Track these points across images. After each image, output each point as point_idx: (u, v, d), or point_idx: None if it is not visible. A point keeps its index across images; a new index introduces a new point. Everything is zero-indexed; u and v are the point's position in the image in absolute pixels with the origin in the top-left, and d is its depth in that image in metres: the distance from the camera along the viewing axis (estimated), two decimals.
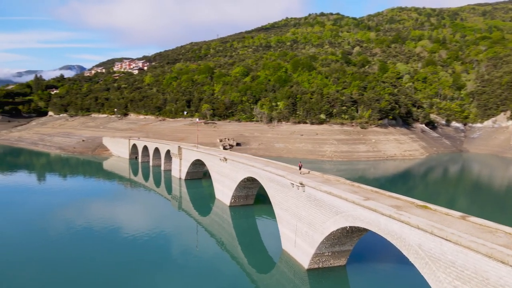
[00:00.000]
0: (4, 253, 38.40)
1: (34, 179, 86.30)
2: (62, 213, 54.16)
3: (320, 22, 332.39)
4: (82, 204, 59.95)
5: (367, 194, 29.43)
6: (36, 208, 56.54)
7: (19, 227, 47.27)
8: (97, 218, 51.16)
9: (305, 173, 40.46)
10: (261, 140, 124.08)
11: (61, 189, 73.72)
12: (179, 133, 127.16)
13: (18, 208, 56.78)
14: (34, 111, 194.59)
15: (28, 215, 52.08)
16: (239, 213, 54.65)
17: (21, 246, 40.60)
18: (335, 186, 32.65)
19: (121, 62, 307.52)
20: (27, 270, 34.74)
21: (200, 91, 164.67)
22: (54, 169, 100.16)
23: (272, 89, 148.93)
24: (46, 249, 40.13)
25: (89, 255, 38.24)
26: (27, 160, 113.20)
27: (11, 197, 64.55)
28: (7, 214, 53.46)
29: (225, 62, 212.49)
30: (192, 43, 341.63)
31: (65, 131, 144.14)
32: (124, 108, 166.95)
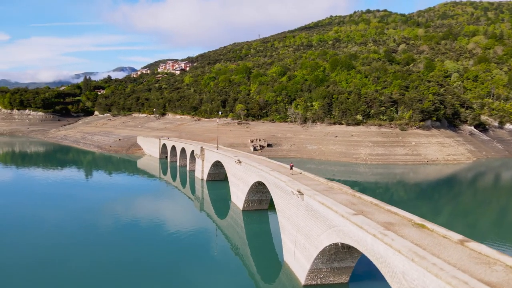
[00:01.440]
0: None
1: (68, 175, 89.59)
2: (97, 207, 58.18)
3: (366, 19, 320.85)
4: (110, 201, 63.00)
5: (364, 206, 26.05)
6: (67, 202, 60.79)
7: (62, 216, 52.58)
8: (123, 214, 54.33)
9: (296, 173, 37.91)
10: (294, 141, 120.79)
11: (95, 186, 75.84)
12: (211, 133, 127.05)
13: (54, 202, 61.66)
14: (82, 110, 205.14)
15: (65, 208, 56.91)
16: (251, 218, 52.38)
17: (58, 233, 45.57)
18: (334, 195, 29.47)
19: (165, 63, 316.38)
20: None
21: (236, 91, 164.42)
22: (90, 166, 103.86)
23: (308, 89, 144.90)
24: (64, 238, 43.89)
25: (105, 246, 41.60)
26: (65, 157, 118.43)
27: (48, 192, 67.16)
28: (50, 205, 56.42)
29: (264, 62, 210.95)
30: (235, 44, 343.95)
31: (105, 130, 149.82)
32: (163, 108, 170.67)
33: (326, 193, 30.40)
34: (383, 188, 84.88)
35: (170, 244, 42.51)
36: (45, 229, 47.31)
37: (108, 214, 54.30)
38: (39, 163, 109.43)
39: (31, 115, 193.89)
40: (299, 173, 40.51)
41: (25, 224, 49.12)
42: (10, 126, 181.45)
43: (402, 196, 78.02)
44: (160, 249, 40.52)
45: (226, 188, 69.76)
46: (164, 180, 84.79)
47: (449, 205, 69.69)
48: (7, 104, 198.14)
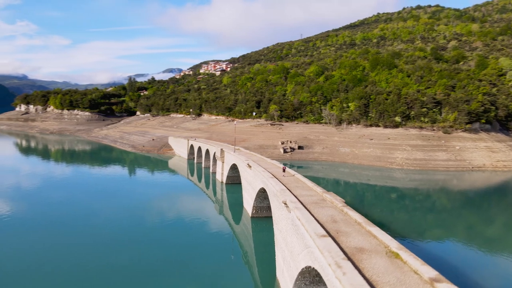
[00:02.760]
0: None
1: (99, 172, 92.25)
2: (118, 205, 60.51)
3: (415, 15, 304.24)
4: (131, 199, 64.91)
5: (345, 225, 22.66)
6: (94, 198, 64.66)
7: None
8: (143, 212, 56.86)
9: (289, 176, 34.84)
10: (326, 143, 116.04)
11: (119, 184, 77.14)
12: (242, 134, 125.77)
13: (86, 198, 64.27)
14: (125, 111, 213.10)
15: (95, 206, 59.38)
16: (259, 226, 49.83)
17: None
18: (320, 209, 26.22)
19: (207, 64, 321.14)
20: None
21: (272, 91, 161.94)
22: (119, 164, 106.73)
23: (344, 89, 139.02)
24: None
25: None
26: (100, 155, 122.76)
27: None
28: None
29: (303, 62, 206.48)
30: (277, 44, 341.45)
31: (142, 129, 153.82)
32: (199, 108, 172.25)
33: (313, 206, 27.28)
34: (423, 195, 78.77)
35: (174, 244, 43.65)
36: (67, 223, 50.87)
37: (128, 212, 56.30)
38: (75, 160, 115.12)
39: (79, 115, 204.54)
40: (292, 175, 37.64)
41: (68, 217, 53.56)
42: (59, 125, 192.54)
43: (445, 204, 72.29)
44: (164, 248, 42.25)
45: (241, 192, 67.88)
46: (187, 181, 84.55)
47: (502, 216, 63.07)
48: (58, 105, 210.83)
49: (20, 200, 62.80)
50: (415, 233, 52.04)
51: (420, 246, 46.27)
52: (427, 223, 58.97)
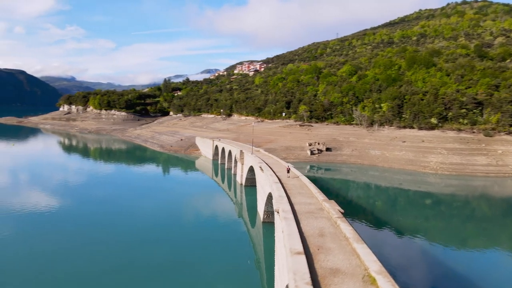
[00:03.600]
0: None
1: (126, 171, 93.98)
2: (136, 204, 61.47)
3: (460, 11, 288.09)
4: (152, 199, 64.95)
5: (330, 240, 20.45)
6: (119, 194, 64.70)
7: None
8: (161, 212, 57.24)
9: (294, 177, 32.56)
10: (356, 145, 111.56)
11: (142, 183, 77.97)
12: (269, 135, 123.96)
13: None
14: (159, 111, 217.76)
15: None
16: (269, 231, 47.70)
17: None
18: (312, 220, 23.98)
19: (241, 64, 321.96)
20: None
21: (303, 91, 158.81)
22: (144, 163, 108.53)
23: (378, 89, 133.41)
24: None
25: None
26: (130, 154, 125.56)
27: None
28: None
29: (337, 62, 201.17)
30: (313, 44, 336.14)
31: (173, 129, 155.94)
32: (229, 109, 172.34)
33: (307, 216, 25.10)
34: (461, 201, 74.00)
35: (185, 244, 43.77)
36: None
37: (146, 211, 57.09)
38: (105, 158, 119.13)
39: (116, 115, 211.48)
40: (296, 177, 35.38)
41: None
42: (97, 125, 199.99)
43: (486, 212, 67.50)
44: (173, 247, 42.73)
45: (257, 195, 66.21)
46: (207, 182, 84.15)
47: None
48: (97, 105, 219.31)
49: (51, 195, 65.04)
50: (454, 241, 49.06)
51: (460, 256, 43.91)
52: (466, 231, 55.30)
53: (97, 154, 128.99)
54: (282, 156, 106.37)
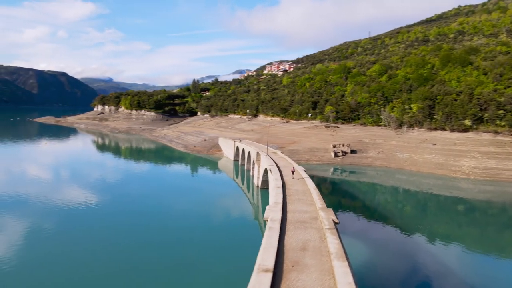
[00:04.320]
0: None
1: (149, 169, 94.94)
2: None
3: (502, 7, 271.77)
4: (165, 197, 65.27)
5: (311, 255, 18.59)
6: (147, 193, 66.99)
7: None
8: (176, 210, 58.12)
9: (299, 178, 30.59)
10: (382, 148, 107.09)
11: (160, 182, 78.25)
12: (293, 136, 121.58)
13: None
14: (187, 111, 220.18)
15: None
16: None
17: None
18: (300, 231, 22.06)
19: (271, 65, 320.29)
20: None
21: (330, 92, 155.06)
22: (166, 163, 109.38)
23: (408, 89, 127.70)
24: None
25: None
26: (153, 154, 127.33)
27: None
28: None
29: (367, 61, 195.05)
30: (345, 43, 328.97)
31: (199, 130, 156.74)
32: (255, 109, 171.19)
33: (296, 226, 23.20)
34: (497, 208, 69.61)
35: (194, 248, 42.80)
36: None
37: (162, 210, 58.19)
38: (128, 156, 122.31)
39: (145, 115, 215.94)
40: (301, 178, 33.37)
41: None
42: (127, 125, 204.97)
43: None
44: (184, 247, 42.64)
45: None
46: (224, 184, 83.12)
47: None
48: (128, 105, 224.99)
49: (74, 192, 66.36)
50: (492, 250, 46.39)
51: (498, 266, 41.58)
52: (504, 240, 51.82)
53: (122, 152, 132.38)
54: (305, 158, 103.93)
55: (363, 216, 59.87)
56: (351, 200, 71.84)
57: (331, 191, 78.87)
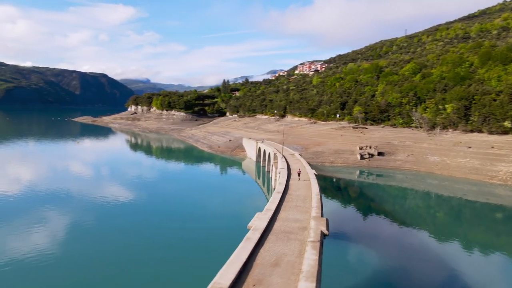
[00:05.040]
0: None
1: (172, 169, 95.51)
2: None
3: None
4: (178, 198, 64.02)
5: (280, 275, 16.58)
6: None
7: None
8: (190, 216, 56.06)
9: (305, 180, 28.58)
10: (412, 150, 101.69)
11: (180, 181, 78.22)
12: (319, 137, 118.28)
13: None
14: (216, 111, 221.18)
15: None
16: None
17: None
18: (280, 243, 20.07)
19: (303, 65, 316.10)
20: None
21: (360, 92, 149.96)
22: (186, 162, 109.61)
23: (442, 88, 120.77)
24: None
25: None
26: (179, 153, 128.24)
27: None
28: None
29: (401, 60, 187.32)
30: (381, 41, 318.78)
31: (225, 130, 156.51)
32: (283, 109, 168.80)
33: (279, 237, 21.28)
34: None
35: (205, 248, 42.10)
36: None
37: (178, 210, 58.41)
38: (152, 155, 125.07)
39: (175, 115, 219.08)
40: (308, 180, 31.27)
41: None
42: (157, 125, 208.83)
43: None
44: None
45: None
46: (242, 185, 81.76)
47: None
48: (159, 106, 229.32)
49: (96, 189, 67.23)
50: None
51: None
52: None
53: (147, 151, 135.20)
54: (330, 160, 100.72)
55: (394, 221, 56.92)
56: (379, 204, 68.64)
57: (358, 194, 76.08)
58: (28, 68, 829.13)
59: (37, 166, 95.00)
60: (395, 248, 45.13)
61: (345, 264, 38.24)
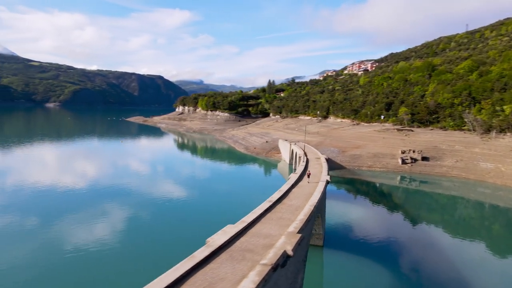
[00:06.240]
0: None
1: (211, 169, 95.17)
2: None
3: None
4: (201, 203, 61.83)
5: None
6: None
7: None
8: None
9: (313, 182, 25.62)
10: (462, 155, 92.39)
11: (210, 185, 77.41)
12: (358, 140, 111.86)
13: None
14: (260, 112, 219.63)
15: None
16: None
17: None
18: (230, 263, 17.23)
19: (353, 64, 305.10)
20: None
21: (408, 92, 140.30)
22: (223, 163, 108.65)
23: (502, 87, 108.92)
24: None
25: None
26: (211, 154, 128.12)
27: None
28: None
29: (457, 57, 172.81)
30: (440, 38, 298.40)
31: (265, 131, 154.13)
32: (326, 110, 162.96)
33: (234, 256, 18.44)
34: None
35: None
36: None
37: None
38: (187, 152, 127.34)
39: (219, 116, 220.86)
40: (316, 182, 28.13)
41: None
42: (201, 125, 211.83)
43: None
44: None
45: None
46: (269, 188, 78.66)
47: None
48: (204, 106, 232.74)
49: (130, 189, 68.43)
50: None
51: None
52: None
53: (184, 150, 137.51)
54: (368, 164, 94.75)
55: (446, 232, 53.10)
56: (427, 213, 63.95)
57: (403, 201, 71.39)
58: (93, 72, 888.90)
59: (79, 163, 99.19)
60: (452, 261, 41.46)
61: (399, 276, 36.42)
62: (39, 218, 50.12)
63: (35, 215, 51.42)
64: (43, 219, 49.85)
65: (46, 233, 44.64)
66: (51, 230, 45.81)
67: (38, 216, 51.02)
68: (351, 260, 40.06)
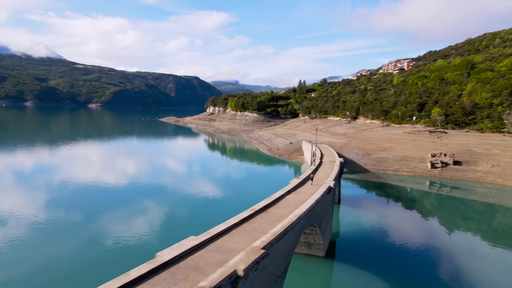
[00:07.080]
0: None
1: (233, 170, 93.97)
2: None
3: None
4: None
5: None
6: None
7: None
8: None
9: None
10: (499, 160, 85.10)
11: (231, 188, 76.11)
12: (386, 142, 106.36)
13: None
14: (289, 112, 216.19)
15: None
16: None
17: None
18: (174, 286, 15.18)
19: (388, 64, 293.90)
20: None
21: (443, 91, 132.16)
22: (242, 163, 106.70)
23: None
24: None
25: None
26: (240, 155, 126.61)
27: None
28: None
29: (501, 54, 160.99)
30: (484, 35, 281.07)
31: (291, 132, 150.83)
32: (356, 111, 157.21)
33: (176, 275, 16.36)
34: None
35: None
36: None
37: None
38: (208, 153, 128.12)
39: (248, 116, 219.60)
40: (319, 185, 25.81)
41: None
42: (230, 126, 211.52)
43: None
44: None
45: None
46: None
47: None
48: (233, 107, 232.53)
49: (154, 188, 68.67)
50: None
51: None
52: None
53: (206, 150, 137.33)
54: (394, 167, 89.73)
55: (485, 240, 49.86)
56: (463, 221, 59.65)
57: (435, 207, 67.32)
58: (133, 73, 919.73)
59: (106, 161, 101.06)
60: (494, 272, 38.71)
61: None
62: (81, 212, 53.17)
63: (78, 209, 54.66)
64: (87, 213, 52.77)
65: (89, 226, 47.47)
66: (94, 224, 48.47)
67: (81, 210, 54.27)
68: (361, 274, 36.71)
